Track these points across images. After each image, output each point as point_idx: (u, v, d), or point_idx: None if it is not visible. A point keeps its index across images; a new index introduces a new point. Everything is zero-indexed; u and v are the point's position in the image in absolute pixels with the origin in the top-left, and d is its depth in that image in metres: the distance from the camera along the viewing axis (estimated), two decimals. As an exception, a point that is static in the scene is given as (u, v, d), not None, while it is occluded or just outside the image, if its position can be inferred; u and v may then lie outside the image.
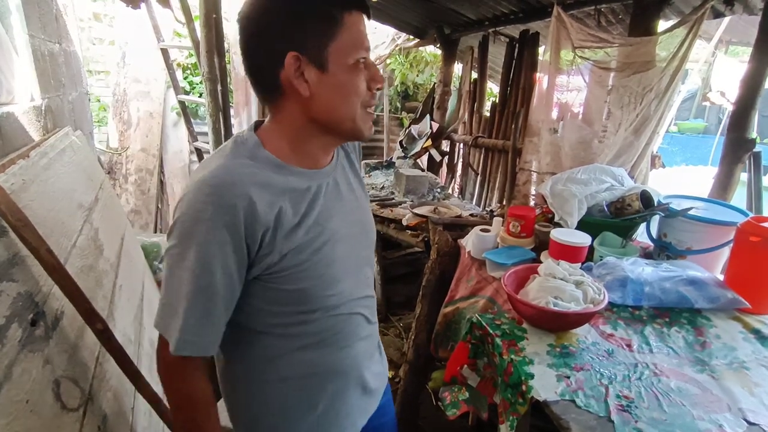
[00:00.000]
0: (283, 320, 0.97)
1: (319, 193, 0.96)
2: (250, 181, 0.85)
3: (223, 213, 0.82)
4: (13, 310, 1.03)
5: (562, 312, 1.46)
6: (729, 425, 1.14)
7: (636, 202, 2.06)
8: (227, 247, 0.83)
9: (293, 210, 0.90)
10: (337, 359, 1.06)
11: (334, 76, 0.87)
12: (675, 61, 2.44)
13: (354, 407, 1.14)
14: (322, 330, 1.01)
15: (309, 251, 0.92)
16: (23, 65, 1.85)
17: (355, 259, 1.04)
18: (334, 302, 0.99)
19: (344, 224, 1.00)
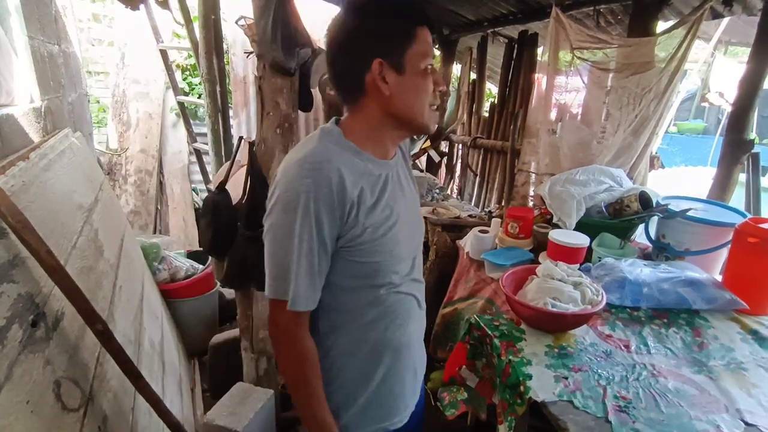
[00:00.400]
0: (352, 296, 1.11)
1: (387, 180, 1.11)
2: (340, 160, 1.01)
3: (321, 186, 0.96)
4: (13, 311, 1.03)
5: (560, 313, 1.46)
6: (726, 426, 1.15)
7: (634, 203, 2.06)
8: (325, 216, 0.98)
9: (370, 191, 1.05)
10: (394, 336, 1.16)
11: (409, 78, 1.04)
12: (674, 61, 2.44)
13: (406, 387, 1.23)
14: (384, 306, 1.13)
15: (383, 229, 1.06)
16: (23, 67, 1.85)
17: (411, 243, 1.18)
18: (396, 280, 1.13)
19: (405, 211, 1.14)
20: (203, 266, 3.25)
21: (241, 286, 2.23)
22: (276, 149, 2.09)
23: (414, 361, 1.24)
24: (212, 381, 2.80)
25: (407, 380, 1.23)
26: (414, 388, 1.28)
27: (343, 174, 0.99)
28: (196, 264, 3.25)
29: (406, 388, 1.23)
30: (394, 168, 1.15)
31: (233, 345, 2.57)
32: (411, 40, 1.02)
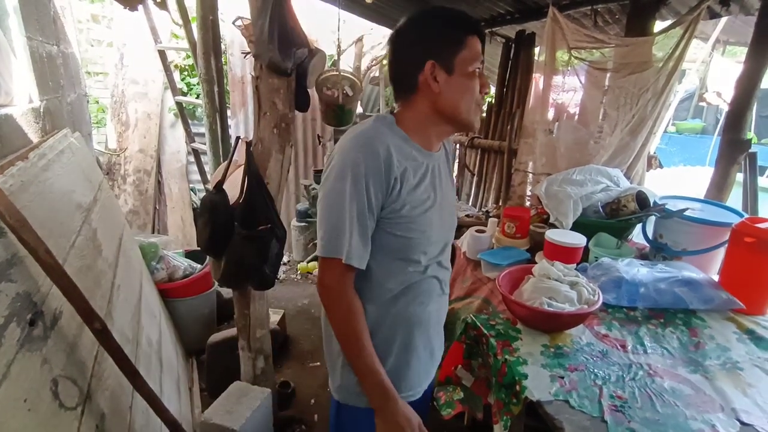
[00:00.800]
0: (382, 268, 1.20)
1: (428, 169, 1.22)
2: (390, 140, 1.14)
3: (372, 158, 1.10)
4: (11, 310, 1.03)
5: (556, 312, 1.47)
6: (722, 425, 1.15)
7: (631, 203, 2.07)
8: (373, 184, 1.10)
9: (413, 173, 1.17)
10: (415, 313, 1.26)
11: (457, 78, 1.16)
12: (671, 61, 2.45)
13: (422, 364, 1.32)
14: (410, 283, 1.23)
15: (420, 209, 1.18)
16: (21, 67, 1.86)
17: (443, 230, 1.28)
18: (424, 261, 1.23)
19: (442, 200, 1.25)
20: (201, 266, 3.25)
21: (238, 285, 2.23)
22: (273, 149, 2.10)
23: (431, 341, 1.34)
24: (210, 380, 2.80)
25: (423, 358, 1.31)
26: (428, 369, 1.36)
27: (391, 151, 1.12)
28: (194, 263, 3.25)
29: (421, 365, 1.32)
30: (436, 161, 1.26)
31: (231, 344, 2.57)
32: (461, 46, 1.14)
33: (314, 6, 3.92)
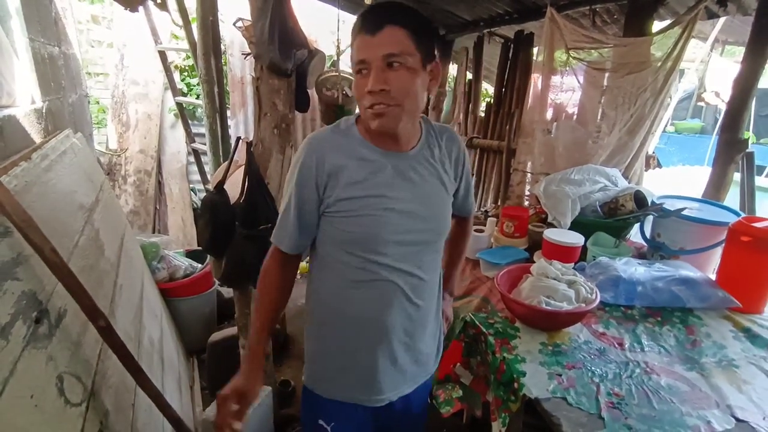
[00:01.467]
0: (332, 259, 1.24)
1: (382, 168, 1.19)
2: (328, 145, 1.19)
3: (308, 157, 1.17)
4: (17, 308, 1.05)
5: (554, 311, 1.48)
6: (717, 421, 1.17)
7: (629, 203, 2.08)
8: (304, 181, 1.17)
9: (357, 170, 1.17)
10: (368, 315, 1.24)
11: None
12: (669, 61, 2.46)
13: (380, 371, 1.28)
14: (361, 282, 1.22)
15: (362, 204, 1.17)
16: (24, 68, 1.87)
17: (408, 235, 1.22)
18: (379, 260, 1.20)
19: (406, 202, 1.20)
20: (202, 265, 3.27)
21: (239, 284, 2.24)
22: (273, 149, 2.11)
23: (393, 349, 1.27)
24: (210, 378, 2.82)
25: (381, 365, 1.27)
26: (394, 378, 1.31)
27: (325, 150, 1.17)
28: (194, 263, 3.27)
29: (380, 372, 1.27)
30: (403, 159, 1.22)
31: (231, 343, 2.58)
32: (353, 45, 1.13)
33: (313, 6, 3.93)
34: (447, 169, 1.31)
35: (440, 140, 1.31)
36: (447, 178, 1.30)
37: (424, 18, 1.14)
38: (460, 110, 4.70)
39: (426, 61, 1.13)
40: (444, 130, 1.34)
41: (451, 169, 1.33)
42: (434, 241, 1.30)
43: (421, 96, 1.16)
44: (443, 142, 1.31)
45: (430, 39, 1.14)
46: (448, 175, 1.31)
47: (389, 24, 1.08)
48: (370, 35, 1.09)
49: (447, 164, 1.31)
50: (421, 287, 1.28)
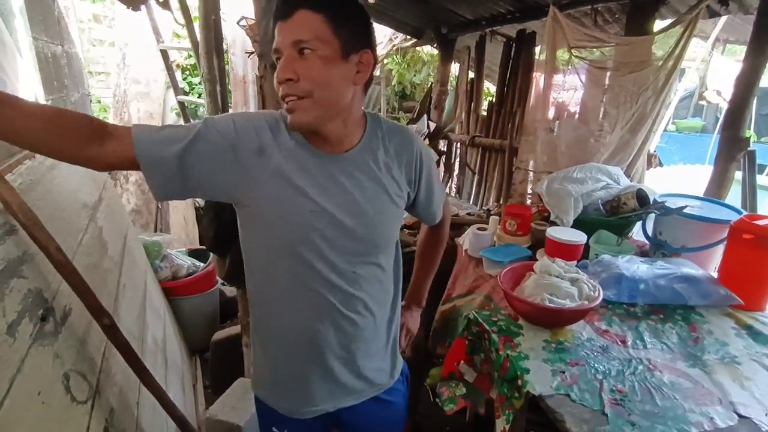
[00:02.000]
0: (263, 261, 1.16)
1: (313, 168, 1.09)
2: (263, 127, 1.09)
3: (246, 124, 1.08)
4: (23, 306, 1.05)
5: (558, 308, 1.48)
6: (720, 418, 1.17)
7: (631, 201, 2.08)
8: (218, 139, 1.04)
9: (284, 165, 1.07)
10: (298, 330, 1.18)
11: None
12: (671, 60, 2.46)
13: (317, 387, 1.22)
14: (291, 290, 1.14)
15: (286, 205, 1.07)
16: (27, 67, 1.87)
17: (336, 246, 1.12)
18: (302, 270, 1.11)
19: (334, 209, 1.10)
20: (204, 264, 3.27)
21: (243, 283, 2.24)
22: (277, 148, 2.11)
23: (327, 363, 1.20)
24: (213, 377, 2.83)
25: (313, 377, 1.21)
26: (330, 391, 1.24)
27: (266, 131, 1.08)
28: (197, 262, 3.27)
29: (312, 384, 1.22)
30: (336, 162, 1.11)
31: (234, 342, 2.59)
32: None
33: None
34: (394, 174, 1.18)
35: (387, 142, 1.17)
36: (393, 184, 1.18)
37: (352, 5, 1.03)
38: (462, 109, 4.71)
39: (347, 50, 1.00)
40: (397, 131, 1.21)
41: (401, 174, 1.20)
42: (368, 252, 1.17)
43: (342, 89, 1.03)
44: (392, 144, 1.18)
45: (356, 25, 1.02)
46: (396, 182, 1.18)
47: (301, 8, 0.97)
48: (283, 20, 1.00)
49: (394, 169, 1.18)
50: (354, 301, 1.18)
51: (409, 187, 1.24)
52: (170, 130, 1.04)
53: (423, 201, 1.31)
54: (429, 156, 1.27)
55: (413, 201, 1.29)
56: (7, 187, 1.13)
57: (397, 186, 1.19)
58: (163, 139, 1.01)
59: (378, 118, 1.19)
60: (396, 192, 1.19)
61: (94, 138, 0.96)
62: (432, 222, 1.42)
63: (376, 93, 7.30)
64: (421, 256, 1.55)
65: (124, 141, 0.98)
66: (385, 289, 1.27)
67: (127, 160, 0.99)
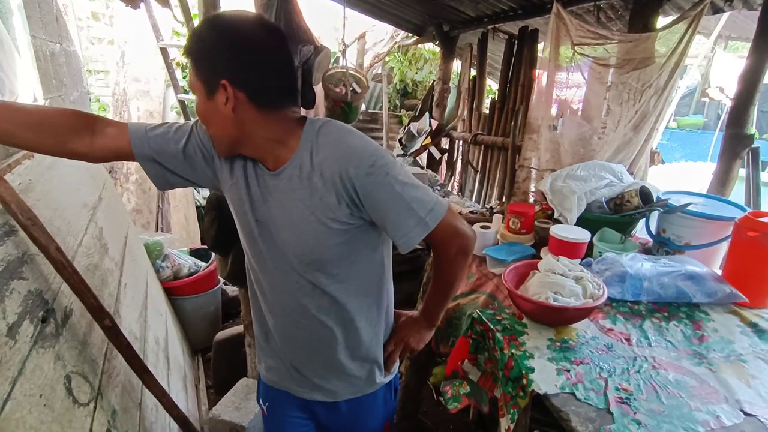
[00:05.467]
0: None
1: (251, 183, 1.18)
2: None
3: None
4: (24, 307, 1.05)
5: (562, 307, 1.47)
6: (726, 416, 1.16)
7: (635, 199, 2.07)
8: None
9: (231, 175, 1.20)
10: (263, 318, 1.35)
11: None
12: (674, 56, 2.45)
13: (288, 376, 1.36)
14: (250, 276, 1.34)
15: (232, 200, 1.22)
16: (25, 65, 1.86)
17: (275, 253, 1.20)
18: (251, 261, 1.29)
19: (270, 221, 1.17)
20: (206, 264, 3.26)
21: (245, 282, 2.23)
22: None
23: (294, 357, 1.34)
24: (216, 377, 2.82)
25: (284, 365, 1.36)
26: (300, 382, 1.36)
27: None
28: (198, 261, 3.27)
29: (285, 371, 1.37)
30: (268, 179, 1.15)
31: (237, 341, 2.59)
32: None
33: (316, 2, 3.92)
34: (320, 193, 1.11)
35: (314, 157, 1.10)
36: (319, 203, 1.11)
37: (203, 44, 1.03)
38: (464, 107, 4.70)
39: (210, 89, 1.03)
40: (330, 146, 1.11)
41: (327, 192, 1.10)
42: (307, 269, 1.17)
43: (220, 122, 1.06)
44: (317, 159, 1.10)
45: (213, 61, 1.03)
46: (323, 201, 1.11)
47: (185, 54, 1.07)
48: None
49: (319, 187, 1.10)
50: (305, 312, 1.23)
51: (348, 209, 1.12)
52: (164, 128, 1.16)
53: (382, 225, 1.17)
54: (374, 179, 1.09)
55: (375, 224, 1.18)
56: (6, 187, 1.12)
57: (325, 206, 1.11)
58: (158, 136, 1.14)
59: (314, 130, 1.13)
60: (323, 212, 1.12)
61: (84, 132, 1.07)
62: (404, 249, 1.18)
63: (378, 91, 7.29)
64: (432, 275, 1.43)
65: (117, 136, 1.09)
66: (340, 304, 1.23)
67: (120, 153, 1.11)
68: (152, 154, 1.14)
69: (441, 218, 1.15)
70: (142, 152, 1.12)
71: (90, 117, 1.10)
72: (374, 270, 1.28)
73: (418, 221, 1.13)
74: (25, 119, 1.03)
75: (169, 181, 1.20)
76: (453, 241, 1.24)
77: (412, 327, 1.45)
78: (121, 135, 1.10)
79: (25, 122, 1.03)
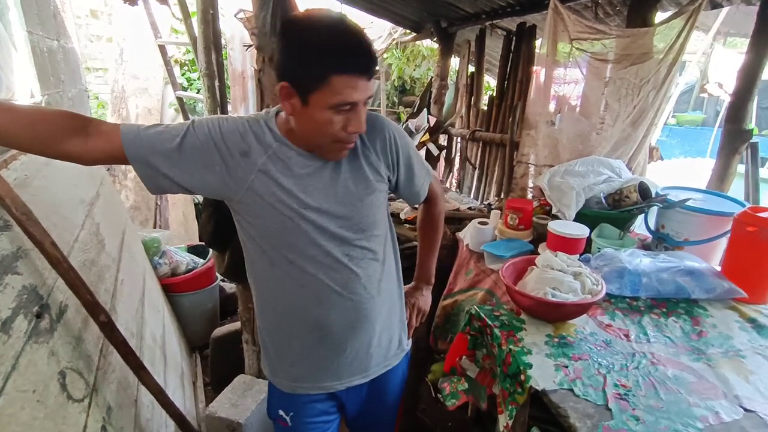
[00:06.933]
0: (254, 253, 1.26)
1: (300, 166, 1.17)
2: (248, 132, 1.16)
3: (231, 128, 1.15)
4: (18, 303, 1.04)
5: (560, 303, 1.47)
6: (725, 412, 1.16)
7: (634, 194, 2.07)
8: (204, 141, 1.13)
9: (272, 163, 1.15)
10: (301, 313, 1.27)
11: (311, 111, 1.06)
12: (672, 52, 2.44)
13: (330, 364, 1.32)
14: (279, 275, 1.24)
15: (274, 201, 1.15)
16: (23, 62, 1.85)
17: (327, 231, 1.20)
18: (296, 258, 1.20)
19: (320, 201, 1.18)
20: (204, 260, 3.26)
21: (242, 279, 2.24)
22: (276, 142, 2.10)
23: (335, 341, 1.29)
24: (214, 374, 2.82)
25: (325, 356, 1.31)
26: (341, 368, 1.34)
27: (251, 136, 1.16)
28: (196, 258, 3.26)
29: (326, 364, 1.32)
30: (327, 162, 1.19)
31: (234, 338, 2.58)
32: (321, 85, 1.03)
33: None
34: (373, 161, 1.26)
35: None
36: (371, 171, 1.25)
37: None
38: (463, 103, 4.69)
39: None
40: (370, 121, 1.23)
41: (379, 160, 1.27)
42: (358, 237, 1.25)
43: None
44: (366, 134, 1.22)
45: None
46: (374, 167, 1.26)
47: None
48: (367, 79, 1.07)
49: (372, 156, 1.26)
50: (352, 283, 1.26)
51: (389, 171, 1.30)
52: (159, 128, 1.12)
53: (404, 182, 1.36)
54: (404, 137, 1.32)
55: (396, 183, 1.35)
56: (1, 182, 1.11)
57: (377, 172, 1.26)
58: (151, 136, 1.10)
59: None
60: (376, 178, 1.26)
61: (77, 134, 1.04)
62: (417, 201, 1.48)
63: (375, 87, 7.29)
64: (421, 234, 1.62)
65: (110, 137, 1.07)
66: (381, 267, 1.34)
67: (114, 155, 1.08)
68: (145, 154, 1.09)
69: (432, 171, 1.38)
70: (134, 154, 1.08)
71: (84, 119, 1.07)
72: (392, 231, 1.41)
73: (426, 172, 1.41)
74: (18, 119, 1.01)
75: (161, 185, 1.14)
76: (441, 197, 1.54)
77: (415, 292, 1.60)
78: (114, 136, 1.07)
79: (18, 122, 1.01)
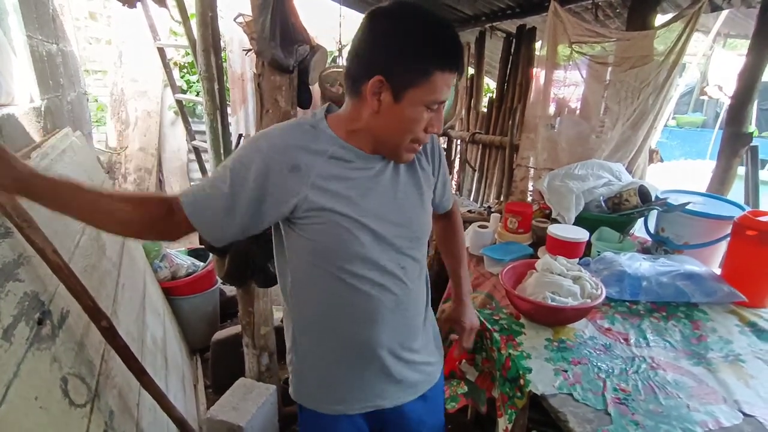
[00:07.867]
0: (305, 273, 1.15)
1: (360, 169, 1.10)
2: (293, 143, 1.06)
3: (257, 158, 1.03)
4: (20, 309, 1.04)
5: (560, 307, 1.47)
6: (725, 417, 1.16)
7: (634, 197, 2.07)
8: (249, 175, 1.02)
9: (328, 170, 1.07)
10: (353, 333, 1.17)
11: (402, 109, 1.02)
12: (672, 55, 2.45)
13: (371, 385, 1.22)
14: (336, 295, 1.14)
15: (330, 210, 1.06)
16: (22, 66, 1.85)
17: (384, 240, 1.13)
18: (344, 275, 1.11)
19: (383, 208, 1.12)
20: (204, 264, 3.26)
21: (242, 283, 2.24)
22: (276, 146, 2.10)
23: (380, 360, 1.20)
24: (214, 377, 2.82)
25: (366, 373, 1.21)
26: (388, 388, 1.24)
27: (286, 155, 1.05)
28: (197, 261, 3.26)
29: (365, 381, 1.22)
30: (383, 162, 1.14)
31: (235, 341, 2.58)
32: (421, 81, 0.99)
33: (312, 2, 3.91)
34: (424, 165, 1.23)
35: None
36: (424, 175, 1.23)
37: None
38: (462, 106, 4.69)
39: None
40: None
41: (429, 164, 1.25)
42: (411, 246, 1.20)
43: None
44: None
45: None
46: (426, 172, 1.24)
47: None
48: (459, 77, 1.07)
49: (423, 160, 1.23)
50: (404, 297, 1.20)
51: (434, 177, 1.28)
52: (210, 191, 1.05)
53: (440, 188, 1.34)
54: (439, 141, 1.34)
55: (434, 189, 1.30)
56: (2, 189, 1.11)
57: (428, 177, 1.25)
58: (209, 200, 1.05)
59: None
60: (427, 182, 1.24)
61: (168, 215, 1.05)
62: (446, 208, 1.45)
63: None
64: (447, 247, 1.53)
65: (181, 212, 1.04)
66: (424, 282, 1.30)
67: (191, 228, 1.07)
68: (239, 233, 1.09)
69: None
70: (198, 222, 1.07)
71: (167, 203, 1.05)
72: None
73: (450, 182, 1.42)
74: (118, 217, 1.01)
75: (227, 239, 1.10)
76: (456, 204, 1.51)
77: (466, 310, 1.46)
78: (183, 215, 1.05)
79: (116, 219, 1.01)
